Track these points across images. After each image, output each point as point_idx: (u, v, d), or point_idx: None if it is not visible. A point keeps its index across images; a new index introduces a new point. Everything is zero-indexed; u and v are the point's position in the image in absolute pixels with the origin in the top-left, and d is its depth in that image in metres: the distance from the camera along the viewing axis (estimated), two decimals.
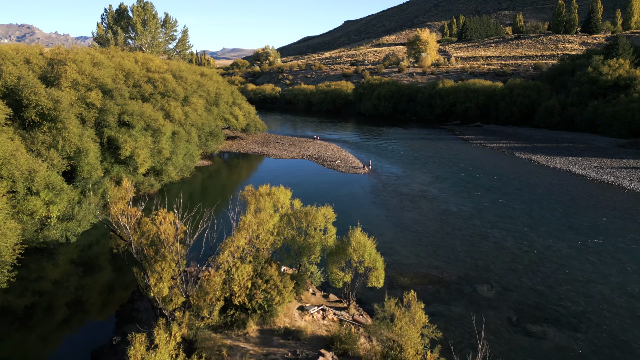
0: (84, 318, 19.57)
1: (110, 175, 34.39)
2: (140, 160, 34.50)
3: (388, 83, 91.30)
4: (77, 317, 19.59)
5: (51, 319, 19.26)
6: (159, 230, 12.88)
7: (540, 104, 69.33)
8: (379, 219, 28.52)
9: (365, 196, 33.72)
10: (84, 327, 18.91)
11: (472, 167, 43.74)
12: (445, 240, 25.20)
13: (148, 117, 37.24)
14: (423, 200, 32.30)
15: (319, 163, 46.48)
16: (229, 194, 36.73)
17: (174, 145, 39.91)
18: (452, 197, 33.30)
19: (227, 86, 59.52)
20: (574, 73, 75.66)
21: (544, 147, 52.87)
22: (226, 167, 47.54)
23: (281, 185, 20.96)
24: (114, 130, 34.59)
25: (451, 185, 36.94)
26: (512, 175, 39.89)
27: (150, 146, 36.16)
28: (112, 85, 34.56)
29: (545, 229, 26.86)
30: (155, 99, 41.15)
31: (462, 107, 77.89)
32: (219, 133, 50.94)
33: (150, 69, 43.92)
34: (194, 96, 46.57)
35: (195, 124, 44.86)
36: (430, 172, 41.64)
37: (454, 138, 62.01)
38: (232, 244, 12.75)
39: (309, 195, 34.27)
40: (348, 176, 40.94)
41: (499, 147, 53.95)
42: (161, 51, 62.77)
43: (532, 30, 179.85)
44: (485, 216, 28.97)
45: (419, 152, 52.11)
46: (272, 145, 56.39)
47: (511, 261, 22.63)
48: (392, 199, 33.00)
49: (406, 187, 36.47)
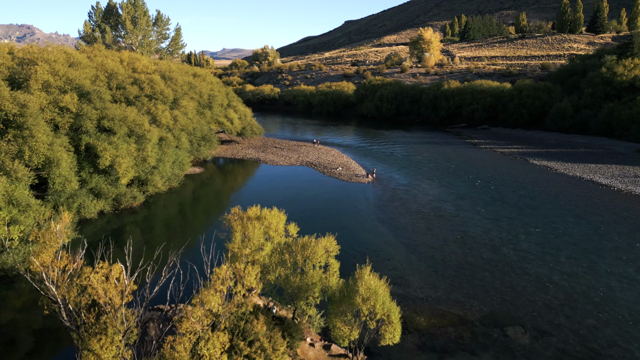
0: (54, 349, 16.35)
1: (89, 186, 31.14)
2: (122, 170, 31.22)
3: (391, 84, 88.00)
4: (46, 350, 16.36)
5: (14, 355, 16.04)
6: (97, 292, 9.55)
7: (551, 106, 66.01)
8: (387, 241, 25.21)
9: (370, 211, 30.42)
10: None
11: (485, 175, 40.45)
12: (465, 268, 21.86)
13: (132, 122, 33.98)
14: (436, 217, 28.96)
15: (319, 170, 43.19)
16: (218, 211, 33.43)
17: (161, 152, 36.64)
18: (468, 213, 29.94)
19: (221, 87, 56.25)
20: (585, 73, 72.37)
21: (558, 153, 49.58)
22: (220, 175, 44.24)
23: (274, 208, 17.70)
24: (93, 137, 31.31)
25: (465, 197, 33.61)
26: (530, 185, 36.59)
27: (134, 154, 32.89)
28: (90, 87, 31.29)
29: (577, 253, 23.56)
30: (142, 102, 37.90)
31: (468, 109, 74.57)
32: (212, 138, 47.69)
33: (137, 70, 40.66)
34: (185, 98, 43.30)
35: (185, 129, 41.60)
36: (440, 182, 38.33)
37: (462, 142, 58.71)
38: (201, 308, 9.48)
39: (308, 210, 31.01)
40: (350, 186, 37.67)
41: (510, 153, 50.64)
42: (152, 50, 59.52)
43: (535, 30, 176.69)
44: (507, 237, 25.64)
45: (425, 158, 48.81)
46: (269, 151, 53.11)
47: (544, 295, 19.34)
48: (401, 214, 29.67)
49: (415, 199, 33.16)
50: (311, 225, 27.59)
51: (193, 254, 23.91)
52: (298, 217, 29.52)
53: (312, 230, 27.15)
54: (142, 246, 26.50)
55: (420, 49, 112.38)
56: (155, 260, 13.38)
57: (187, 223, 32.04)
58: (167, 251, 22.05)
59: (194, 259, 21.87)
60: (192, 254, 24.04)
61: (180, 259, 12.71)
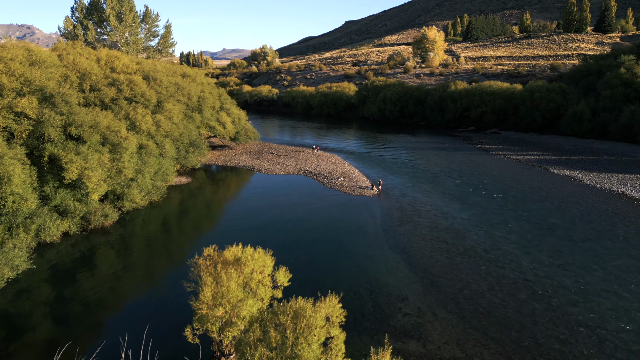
0: None
1: (54, 203, 27.02)
2: (92, 184, 27.08)
3: (394, 85, 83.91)
4: None
5: None
6: None
7: (566, 108, 61.90)
8: (400, 276, 21.04)
9: (377, 234, 26.26)
10: None
11: (503, 187, 36.35)
12: (499, 317, 17.69)
13: (106, 129, 29.89)
14: (456, 244, 24.67)
15: (319, 181, 39.07)
16: (209, 223, 29.27)
17: (141, 162, 32.52)
18: (493, 238, 25.70)
19: (213, 89, 52.13)
20: (600, 74, 68.33)
21: (579, 160, 45.44)
22: (209, 185, 40.09)
23: (259, 248, 13.58)
24: (59, 147, 27.20)
25: (486, 216, 29.42)
26: (556, 201, 32.45)
27: (107, 165, 28.76)
28: (55, 89, 27.17)
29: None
30: (119, 106, 33.79)
31: (476, 111, 70.45)
32: (201, 144, 43.56)
33: (116, 69, 36.56)
34: (170, 101, 39.17)
35: (170, 135, 37.47)
36: (454, 195, 34.18)
37: (473, 148, 54.57)
38: None
39: (305, 231, 26.81)
40: (354, 200, 33.55)
41: (527, 160, 46.50)
42: (140, 49, 55.41)
43: (540, 29, 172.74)
44: (547, 274, 21.45)
45: (434, 165, 44.68)
46: (264, 157, 48.98)
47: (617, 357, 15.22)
48: (415, 240, 25.49)
49: (429, 219, 28.99)
50: (307, 254, 23.50)
51: (165, 293, 19.77)
52: (293, 241, 25.43)
53: (309, 261, 23.15)
54: (110, 280, 22.42)
55: (424, 49, 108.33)
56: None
57: (172, 241, 27.94)
58: (135, 289, 18.11)
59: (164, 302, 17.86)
60: (164, 293, 19.89)
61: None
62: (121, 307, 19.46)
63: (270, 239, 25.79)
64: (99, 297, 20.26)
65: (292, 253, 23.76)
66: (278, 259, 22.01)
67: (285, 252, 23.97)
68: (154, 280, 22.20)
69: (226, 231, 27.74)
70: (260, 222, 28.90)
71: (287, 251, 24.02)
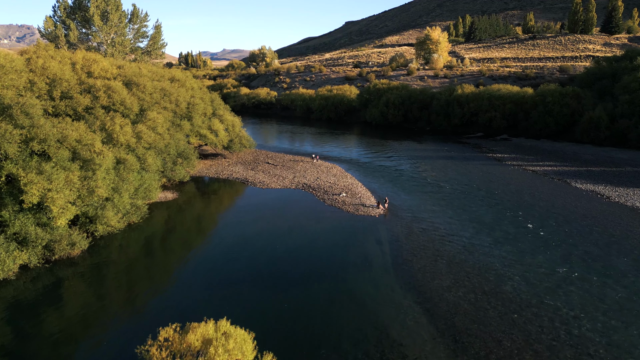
0: None
1: (12, 230, 23.41)
2: (57, 208, 23.43)
3: (397, 88, 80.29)
4: None
5: None
6: None
7: (581, 114, 58.29)
8: (415, 328, 17.36)
9: (386, 268, 22.60)
10: None
11: (523, 204, 32.77)
12: None
13: (76, 143, 26.26)
14: (487, 290, 20.83)
15: (318, 197, 35.46)
16: (201, 239, 25.53)
17: (118, 179, 28.88)
18: (534, 282, 21.92)
19: (205, 94, 48.50)
20: (615, 77, 64.77)
21: (601, 173, 41.81)
22: (198, 202, 36.44)
23: (237, 329, 9.98)
24: (19, 165, 23.61)
25: (511, 246, 25.76)
26: (586, 223, 28.81)
27: (77, 185, 25.11)
28: (13, 98, 23.55)
29: None
30: (95, 115, 30.17)
31: (485, 116, 66.80)
32: (190, 154, 39.97)
33: (93, 74, 32.93)
34: (155, 109, 35.53)
35: (154, 146, 33.84)
36: (473, 218, 30.50)
37: (484, 157, 50.93)
38: None
39: (300, 262, 23.01)
40: (357, 220, 29.94)
41: (544, 172, 42.87)
42: (127, 50, 51.80)
43: (544, 30, 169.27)
44: (605, 336, 17.67)
45: (444, 178, 41.05)
46: (260, 168, 45.34)
47: None
48: (431, 277, 21.77)
49: (448, 251, 25.27)
50: (303, 294, 19.80)
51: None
52: (286, 276, 21.05)
53: (304, 305, 18.66)
54: (79, 318, 18.94)
55: (428, 50, 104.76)
56: None
57: (153, 269, 24.36)
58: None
59: None
60: None
61: None
62: (92, 347, 16.10)
63: (261, 273, 22.18)
64: (67, 336, 16.96)
65: (284, 293, 20.16)
66: (268, 299, 18.39)
67: (277, 290, 20.39)
68: (131, 314, 18.77)
69: (211, 261, 24.12)
70: (250, 251, 25.28)
71: (279, 290, 20.44)
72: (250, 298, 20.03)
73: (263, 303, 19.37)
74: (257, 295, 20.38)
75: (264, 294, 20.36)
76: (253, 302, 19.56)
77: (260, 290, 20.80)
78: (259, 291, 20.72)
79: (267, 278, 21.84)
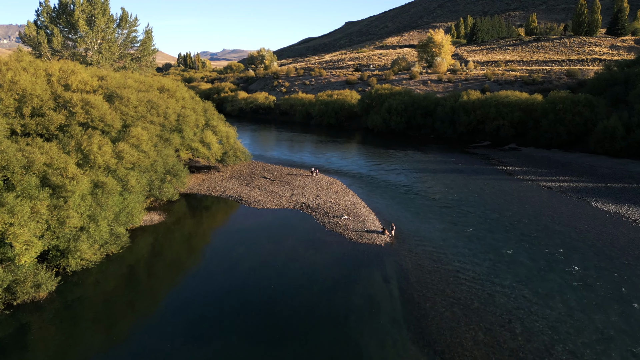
0: None
1: None
2: (20, 244, 20.57)
3: (400, 93, 77.40)
4: None
5: None
6: None
7: (595, 123, 55.40)
8: None
9: (395, 316, 19.65)
10: None
11: (543, 230, 29.91)
12: None
13: (46, 167, 23.40)
14: (518, 346, 18.01)
15: (318, 219, 32.58)
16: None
17: (95, 204, 25.97)
18: (578, 339, 19.03)
19: (197, 104, 45.59)
20: (628, 84, 61.99)
21: (622, 190, 38.93)
22: (186, 225, 33.49)
23: None
24: None
25: (542, 288, 22.86)
26: (616, 255, 25.89)
27: (45, 215, 22.24)
28: None
29: None
30: (70, 134, 27.28)
31: (492, 124, 63.92)
32: (179, 171, 37.05)
33: (71, 87, 30.02)
34: (140, 124, 32.63)
35: (138, 165, 30.92)
36: (488, 246, 27.57)
37: (493, 170, 48.02)
38: None
39: (295, 307, 19.91)
40: (361, 250, 27.05)
41: (560, 189, 39.97)
42: (116, 57, 48.88)
43: (547, 31, 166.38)
44: None
45: (453, 196, 38.17)
46: (255, 183, 42.44)
47: None
48: (449, 328, 18.83)
49: (467, 292, 22.26)
50: (299, 351, 16.90)
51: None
52: (279, 325, 17.26)
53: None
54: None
55: (431, 53, 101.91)
56: None
57: (133, 305, 21.50)
58: None
59: None
60: None
61: None
62: None
63: (253, 322, 19.25)
64: None
65: (279, 350, 17.26)
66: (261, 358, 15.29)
67: (271, 346, 17.49)
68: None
69: (198, 304, 21.19)
70: (242, 291, 22.36)
71: (273, 345, 17.53)
72: (241, 356, 17.16)
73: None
74: (247, 350, 17.53)
75: (256, 351, 17.50)
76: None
77: (252, 345, 17.93)
78: (250, 347, 17.85)
79: (260, 329, 18.95)
